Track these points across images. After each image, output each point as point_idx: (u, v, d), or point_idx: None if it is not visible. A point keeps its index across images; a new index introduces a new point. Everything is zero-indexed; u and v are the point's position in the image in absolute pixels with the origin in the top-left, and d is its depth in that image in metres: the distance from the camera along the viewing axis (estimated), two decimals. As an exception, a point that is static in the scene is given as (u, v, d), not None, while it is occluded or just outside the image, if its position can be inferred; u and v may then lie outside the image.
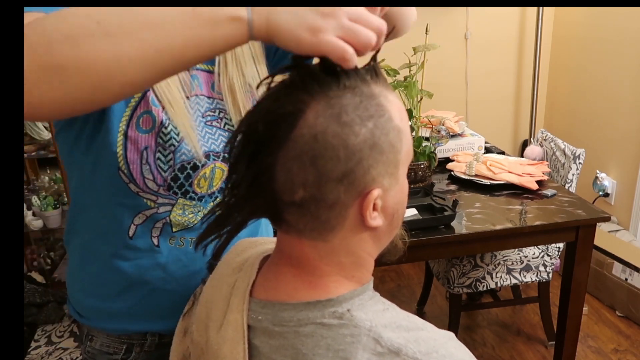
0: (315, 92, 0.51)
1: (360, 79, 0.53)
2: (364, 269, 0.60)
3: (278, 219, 0.56)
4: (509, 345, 2.22)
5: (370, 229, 0.56)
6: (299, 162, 0.51)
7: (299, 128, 0.50)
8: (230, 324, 0.60)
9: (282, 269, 0.60)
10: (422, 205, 1.58)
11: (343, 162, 0.51)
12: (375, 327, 0.54)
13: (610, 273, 2.36)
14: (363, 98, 0.52)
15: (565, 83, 2.97)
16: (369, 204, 0.53)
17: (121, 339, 0.87)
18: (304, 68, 0.52)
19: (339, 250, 0.57)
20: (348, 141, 0.51)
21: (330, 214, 0.53)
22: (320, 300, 0.56)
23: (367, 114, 0.52)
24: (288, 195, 0.53)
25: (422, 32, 1.71)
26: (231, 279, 0.65)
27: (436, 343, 0.55)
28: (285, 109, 0.51)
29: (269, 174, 0.52)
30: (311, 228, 0.55)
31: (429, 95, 1.70)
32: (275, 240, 0.67)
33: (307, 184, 0.51)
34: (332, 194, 0.52)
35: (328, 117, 0.50)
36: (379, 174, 0.53)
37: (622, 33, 2.50)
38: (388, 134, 0.53)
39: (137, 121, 0.74)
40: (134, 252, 0.81)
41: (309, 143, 0.50)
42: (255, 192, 0.53)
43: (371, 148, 0.52)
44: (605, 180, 2.64)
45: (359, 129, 0.51)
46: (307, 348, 0.54)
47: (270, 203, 0.54)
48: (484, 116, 3.06)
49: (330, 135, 0.50)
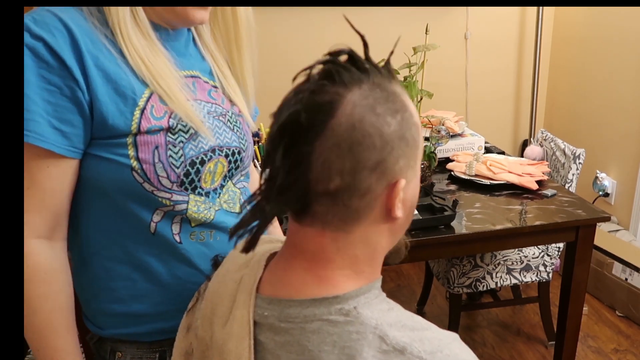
0: (350, 85, 0.54)
1: (385, 78, 0.56)
2: (375, 264, 0.61)
3: (304, 212, 0.57)
4: (509, 345, 2.22)
5: (391, 221, 0.58)
6: (337, 150, 0.53)
7: (337, 117, 0.53)
8: (236, 319, 0.60)
9: (293, 263, 0.60)
10: (422, 205, 1.58)
11: (378, 150, 0.53)
12: (380, 325, 0.55)
13: (610, 273, 2.36)
14: (389, 94, 0.55)
15: (565, 83, 2.97)
16: (398, 192, 0.56)
17: (152, 348, 0.86)
18: (338, 63, 0.55)
19: (358, 242, 0.58)
20: (383, 130, 0.54)
21: (360, 203, 0.55)
22: (327, 297, 0.56)
23: (395, 107, 0.55)
24: (323, 184, 0.54)
25: (422, 32, 1.71)
26: (237, 275, 0.65)
27: (441, 343, 0.55)
28: (323, 98, 0.53)
29: (306, 163, 0.53)
30: (339, 218, 0.56)
31: (429, 95, 1.70)
32: (280, 239, 0.67)
33: (344, 171, 0.53)
34: (365, 182, 0.54)
35: (364, 107, 0.53)
36: (404, 165, 0.56)
37: (622, 33, 2.50)
38: (411, 128, 0.56)
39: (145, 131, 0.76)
40: (157, 248, 0.82)
41: (347, 131, 0.52)
42: (290, 181, 0.54)
43: (400, 139, 0.55)
44: (605, 180, 2.64)
45: (391, 120, 0.54)
46: (313, 344, 0.55)
47: (303, 194, 0.55)
48: (484, 116, 3.06)
49: (368, 124, 0.53)
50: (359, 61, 0.55)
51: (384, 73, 0.56)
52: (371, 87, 0.54)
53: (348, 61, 0.55)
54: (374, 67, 0.56)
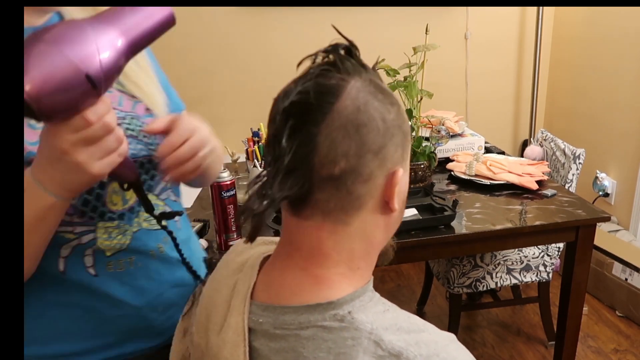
0: (353, 73, 0.56)
1: (376, 76, 0.59)
2: (369, 261, 0.61)
3: (305, 201, 0.56)
4: (509, 345, 2.22)
5: (388, 213, 0.59)
6: (343, 131, 0.54)
7: (343, 99, 0.54)
8: (230, 326, 0.60)
9: (289, 263, 0.60)
10: (422, 205, 1.58)
11: (382, 134, 0.55)
12: (376, 330, 0.54)
13: (610, 273, 2.36)
14: (384, 88, 0.58)
15: (565, 83, 2.97)
16: (397, 182, 0.57)
17: None
18: (339, 53, 0.57)
19: (355, 235, 0.58)
20: (385, 116, 0.56)
21: (362, 189, 0.56)
22: (321, 303, 0.56)
23: (390, 100, 0.58)
24: (327, 167, 0.54)
25: (422, 32, 1.71)
26: (231, 280, 0.65)
27: (437, 346, 0.55)
28: (330, 81, 0.55)
29: (312, 144, 0.54)
30: (340, 207, 0.56)
31: (429, 95, 1.70)
32: (274, 240, 0.67)
33: (349, 153, 0.54)
34: (368, 167, 0.55)
35: (367, 93, 0.55)
36: (401, 155, 0.58)
37: (622, 33, 2.51)
38: (405, 122, 0.59)
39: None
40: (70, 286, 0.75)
41: (354, 113, 0.54)
42: (295, 164, 0.54)
43: (398, 128, 0.57)
44: (605, 180, 2.64)
45: (391, 108, 0.57)
46: (308, 351, 0.54)
47: (306, 179, 0.55)
48: (484, 116, 3.06)
49: (372, 108, 0.55)
50: (356, 56, 0.58)
51: (376, 73, 0.59)
52: (370, 79, 0.57)
53: (347, 54, 0.57)
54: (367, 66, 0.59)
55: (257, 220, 0.57)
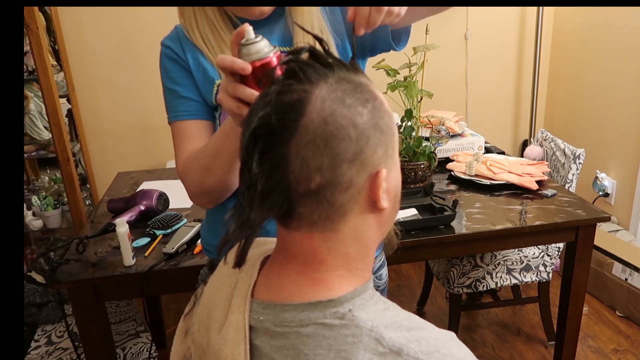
0: (316, 80, 0.54)
1: (350, 71, 0.57)
2: (367, 260, 0.61)
3: (289, 216, 0.56)
4: (509, 345, 2.22)
5: (378, 212, 0.58)
6: (312, 146, 0.52)
7: (308, 114, 0.52)
8: (231, 324, 0.60)
9: (286, 267, 0.60)
10: (422, 205, 1.59)
11: (354, 141, 0.53)
12: (376, 327, 0.54)
13: (610, 273, 2.36)
14: (357, 85, 0.56)
15: (565, 83, 2.97)
16: (381, 183, 0.55)
17: None
18: (300, 61, 0.55)
19: (347, 239, 0.58)
20: (356, 121, 0.53)
21: (344, 197, 0.55)
22: (322, 300, 0.56)
23: (364, 97, 0.55)
24: (304, 184, 0.53)
25: (422, 32, 1.71)
26: (232, 279, 0.65)
27: (437, 342, 0.55)
28: (291, 97, 0.53)
29: (283, 165, 0.53)
30: (325, 217, 0.56)
31: (429, 95, 1.70)
32: (273, 240, 0.67)
33: (322, 167, 0.53)
34: (345, 176, 0.54)
35: (333, 101, 0.53)
36: (383, 154, 0.56)
37: (622, 33, 2.51)
38: (383, 117, 0.56)
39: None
40: None
41: (320, 126, 0.52)
42: (271, 186, 0.54)
43: (374, 128, 0.55)
44: (605, 180, 2.64)
45: (362, 110, 0.54)
46: (309, 348, 0.54)
47: (285, 197, 0.54)
48: (484, 116, 3.06)
49: (339, 116, 0.53)
50: (321, 57, 0.55)
51: (349, 67, 0.57)
52: (337, 81, 0.55)
53: (310, 58, 0.55)
54: (337, 61, 0.56)
55: (243, 248, 0.57)
